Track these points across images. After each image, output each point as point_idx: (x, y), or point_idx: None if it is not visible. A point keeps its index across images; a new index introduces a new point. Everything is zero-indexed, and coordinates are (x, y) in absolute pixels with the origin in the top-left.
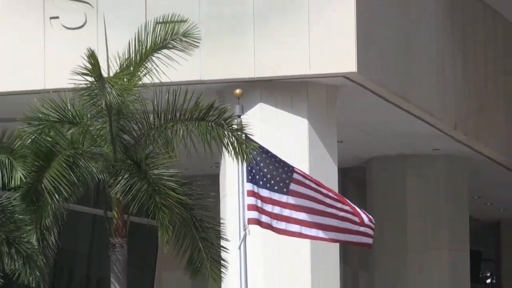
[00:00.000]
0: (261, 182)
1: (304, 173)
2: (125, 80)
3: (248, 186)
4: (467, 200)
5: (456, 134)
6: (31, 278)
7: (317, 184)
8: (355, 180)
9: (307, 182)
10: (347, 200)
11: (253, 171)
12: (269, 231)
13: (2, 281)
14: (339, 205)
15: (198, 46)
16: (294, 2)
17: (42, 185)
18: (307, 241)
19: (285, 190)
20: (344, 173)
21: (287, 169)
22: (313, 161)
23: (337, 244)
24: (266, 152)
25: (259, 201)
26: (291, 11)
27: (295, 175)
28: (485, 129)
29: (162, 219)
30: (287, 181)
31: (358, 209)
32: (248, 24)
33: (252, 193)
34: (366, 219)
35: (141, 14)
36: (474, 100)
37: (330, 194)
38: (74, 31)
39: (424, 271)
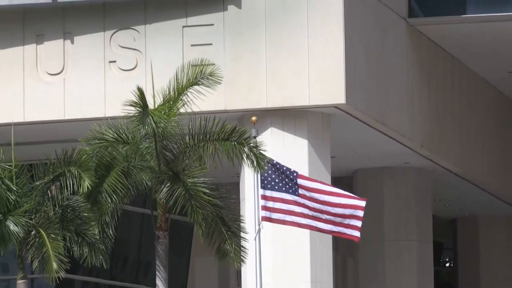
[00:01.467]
0: (276, 187)
1: (306, 177)
2: (166, 110)
3: (262, 192)
4: (431, 202)
5: (422, 151)
6: (94, 261)
7: (318, 183)
8: (344, 186)
9: (310, 184)
10: (343, 192)
11: (267, 179)
12: (276, 227)
13: (70, 265)
14: (334, 200)
15: (221, 83)
16: (297, 51)
17: (102, 190)
18: (307, 234)
19: (295, 191)
20: (336, 181)
21: (293, 176)
22: (312, 172)
23: (330, 236)
24: (276, 164)
25: (270, 202)
26: (294, 58)
27: (299, 181)
28: (444, 148)
29: (197, 217)
30: (296, 186)
31: (351, 195)
32: (261, 67)
33: (264, 197)
34: (360, 203)
35: (179, 59)
36: (436, 125)
37: (328, 189)
38: (127, 72)
39: (397, 257)
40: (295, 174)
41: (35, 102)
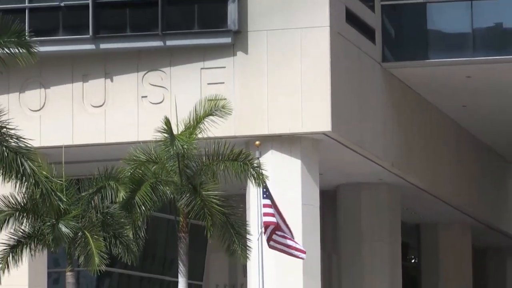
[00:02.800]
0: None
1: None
2: (187, 136)
3: (264, 201)
4: (399, 211)
5: (393, 170)
6: (128, 258)
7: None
8: (329, 198)
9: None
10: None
11: (268, 191)
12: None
13: (109, 260)
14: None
15: (231, 114)
16: (293, 89)
17: (135, 200)
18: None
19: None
20: (323, 194)
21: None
22: (304, 186)
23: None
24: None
25: (272, 209)
26: (290, 94)
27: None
28: (411, 167)
29: (208, 222)
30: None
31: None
32: (264, 101)
33: (266, 206)
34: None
35: (197, 94)
36: (404, 149)
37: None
38: (156, 105)
39: (373, 255)
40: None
41: (81, 129)
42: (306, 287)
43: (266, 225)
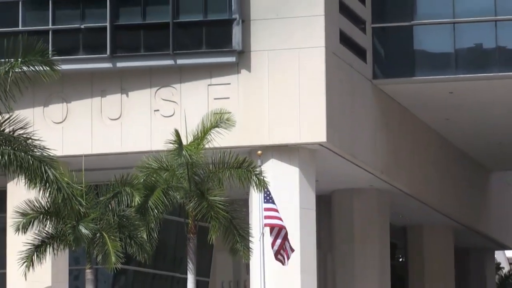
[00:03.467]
0: (271, 200)
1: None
2: (195, 146)
3: (265, 205)
4: (388, 214)
5: (382, 177)
6: (142, 257)
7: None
8: (325, 202)
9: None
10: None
11: (269, 196)
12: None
13: (125, 259)
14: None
15: (234, 126)
16: (291, 104)
17: (148, 204)
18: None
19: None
20: (319, 199)
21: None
22: (302, 192)
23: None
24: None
25: (272, 212)
26: (289, 108)
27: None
28: (398, 175)
29: (213, 224)
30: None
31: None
32: (265, 115)
33: (267, 209)
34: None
35: (205, 108)
36: (392, 158)
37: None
38: (168, 118)
39: (363, 254)
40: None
41: (100, 139)
42: (303, 283)
43: (270, 226)
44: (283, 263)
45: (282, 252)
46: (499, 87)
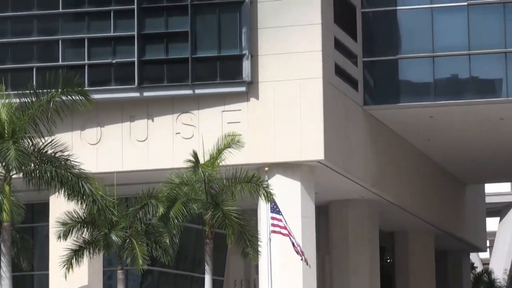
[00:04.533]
0: (277, 211)
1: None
2: (211, 163)
3: (271, 215)
4: (378, 221)
5: (372, 189)
6: (166, 259)
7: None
8: (323, 211)
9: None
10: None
11: (275, 207)
12: (280, 238)
13: (150, 261)
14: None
15: (244, 147)
16: (293, 127)
17: (171, 214)
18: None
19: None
20: (318, 208)
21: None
22: (303, 202)
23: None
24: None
25: (277, 221)
26: (291, 131)
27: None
28: (386, 187)
29: (228, 231)
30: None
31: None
32: (271, 137)
33: (273, 218)
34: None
35: (219, 131)
36: (381, 173)
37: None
38: (187, 140)
39: (356, 256)
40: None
41: (129, 158)
42: (305, 281)
43: (272, 233)
44: (302, 258)
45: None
46: (472, 112)
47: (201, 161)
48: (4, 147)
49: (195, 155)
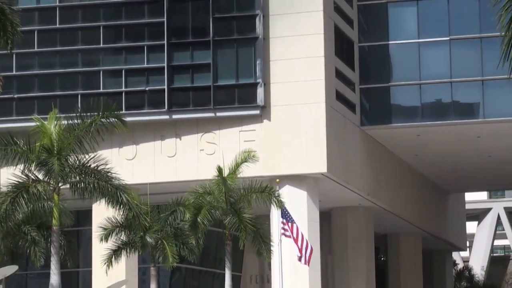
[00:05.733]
0: (287, 217)
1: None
2: (231, 176)
3: (282, 220)
4: (373, 225)
5: (368, 198)
6: (192, 258)
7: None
8: (326, 216)
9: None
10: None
11: (284, 213)
12: (290, 239)
13: (179, 259)
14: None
15: (258, 161)
16: (299, 146)
17: (198, 220)
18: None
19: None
20: (322, 214)
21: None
22: (309, 209)
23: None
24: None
25: (287, 226)
26: (298, 149)
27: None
28: (380, 196)
29: (242, 235)
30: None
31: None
32: (281, 152)
33: (283, 223)
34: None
35: (237, 148)
36: (376, 183)
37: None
38: (210, 155)
39: (354, 255)
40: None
41: (160, 171)
42: (311, 277)
43: (283, 235)
44: (299, 259)
45: (304, 252)
46: (454, 131)
47: (225, 173)
48: (51, 161)
49: (219, 170)
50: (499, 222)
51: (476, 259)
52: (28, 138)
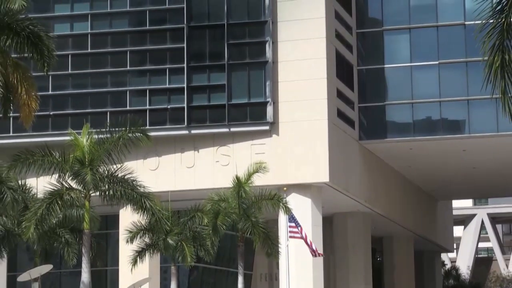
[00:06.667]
0: (293, 221)
1: (296, 227)
2: (245, 184)
3: (289, 223)
4: (370, 228)
5: (366, 204)
6: (208, 258)
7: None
8: (328, 221)
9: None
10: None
11: (291, 217)
12: (295, 241)
13: (196, 259)
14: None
15: (268, 172)
16: (305, 158)
17: (218, 223)
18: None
19: (299, 225)
20: (324, 219)
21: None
22: (313, 214)
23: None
24: (293, 215)
25: (294, 229)
26: (304, 160)
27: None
28: (377, 203)
29: (255, 238)
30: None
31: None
32: (289, 164)
33: (291, 227)
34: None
35: (248, 161)
36: (373, 192)
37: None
38: (225, 166)
39: (354, 256)
40: (294, 221)
41: (180, 180)
42: (314, 275)
43: (291, 238)
44: (314, 255)
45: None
46: (442, 145)
47: (235, 183)
48: (83, 171)
49: (238, 178)
50: (483, 226)
51: (462, 260)
52: (63, 151)
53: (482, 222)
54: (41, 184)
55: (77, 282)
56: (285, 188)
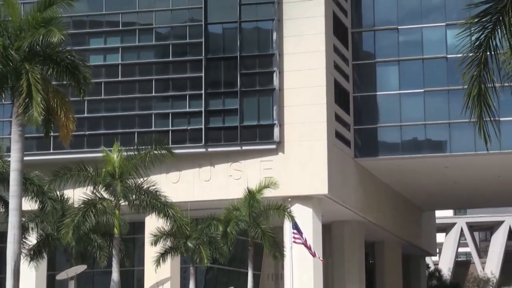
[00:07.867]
0: (297, 228)
1: (299, 234)
2: (256, 194)
3: (293, 230)
4: (364, 235)
5: (360, 214)
6: (222, 259)
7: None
8: (327, 228)
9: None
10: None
11: (295, 225)
12: (298, 246)
13: (212, 261)
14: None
15: (279, 187)
16: (306, 172)
17: (228, 230)
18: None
19: (302, 233)
20: (324, 226)
21: (298, 229)
22: (313, 222)
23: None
24: (296, 223)
25: (297, 235)
26: (305, 174)
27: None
28: (370, 213)
29: (265, 243)
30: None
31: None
32: (292, 179)
33: (294, 233)
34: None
35: (258, 176)
36: (367, 203)
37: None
38: (237, 180)
39: (349, 259)
40: (297, 228)
41: (198, 192)
42: (315, 276)
43: (294, 243)
44: (314, 255)
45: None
46: (427, 162)
47: (246, 195)
48: (114, 184)
49: (250, 191)
50: (462, 233)
51: (444, 263)
52: (96, 166)
53: (462, 230)
54: (77, 195)
55: (108, 281)
56: (289, 199)
